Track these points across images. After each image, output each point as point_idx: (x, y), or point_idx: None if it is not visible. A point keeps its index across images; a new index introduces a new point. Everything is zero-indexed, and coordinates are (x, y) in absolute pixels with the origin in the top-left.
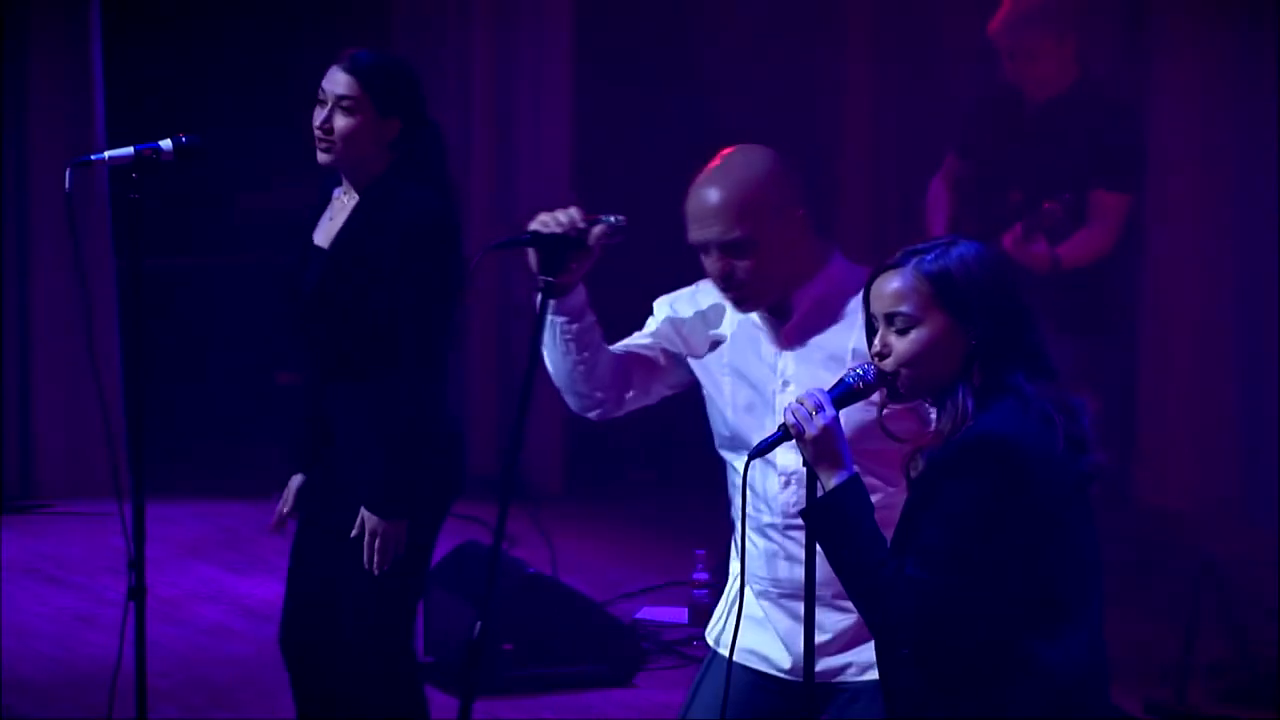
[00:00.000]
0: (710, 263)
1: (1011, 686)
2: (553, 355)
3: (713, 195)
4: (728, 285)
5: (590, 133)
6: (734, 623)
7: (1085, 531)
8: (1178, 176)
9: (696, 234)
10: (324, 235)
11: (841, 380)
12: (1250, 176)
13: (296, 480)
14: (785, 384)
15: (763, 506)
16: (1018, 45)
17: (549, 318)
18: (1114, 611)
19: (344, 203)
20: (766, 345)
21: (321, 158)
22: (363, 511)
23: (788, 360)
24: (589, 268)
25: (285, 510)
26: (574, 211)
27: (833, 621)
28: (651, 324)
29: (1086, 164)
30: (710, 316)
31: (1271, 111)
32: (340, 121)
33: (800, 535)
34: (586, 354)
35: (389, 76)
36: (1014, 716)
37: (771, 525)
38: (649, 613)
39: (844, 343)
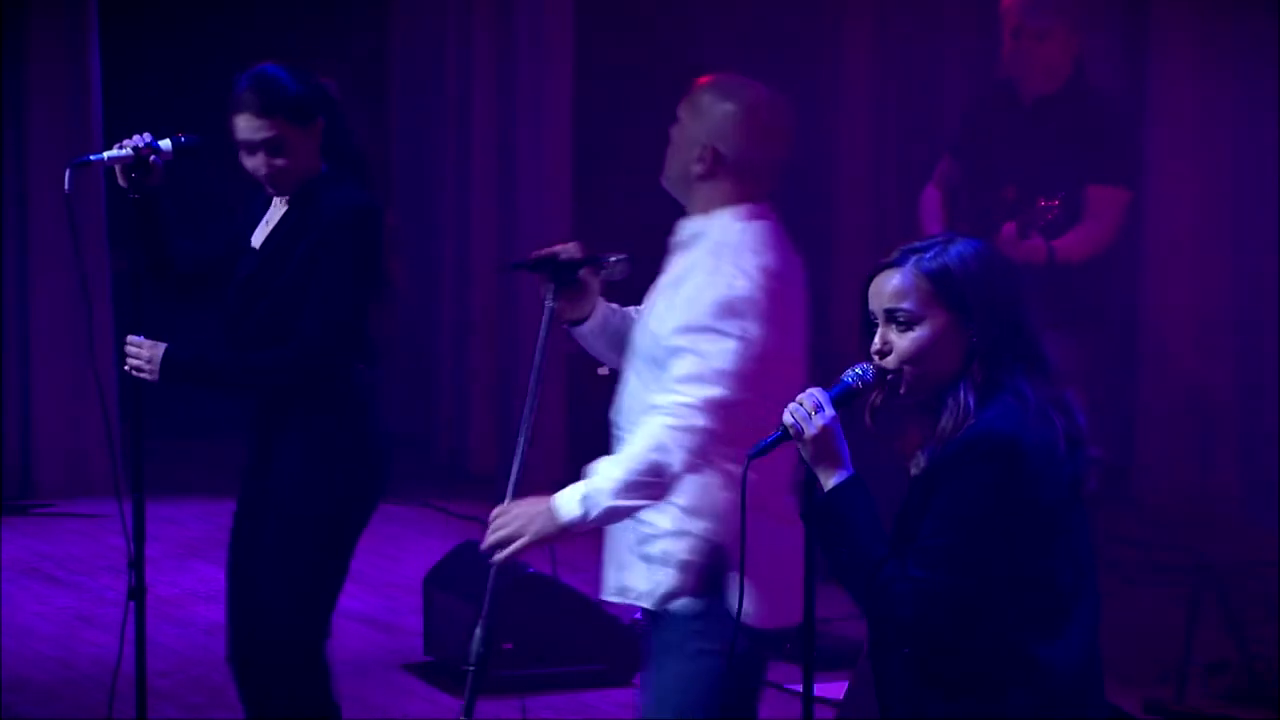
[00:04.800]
0: None
1: (1009, 685)
2: (595, 354)
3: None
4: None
5: (590, 139)
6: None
7: (1082, 530)
8: (1176, 174)
9: None
10: (259, 236)
11: (841, 380)
12: (1249, 174)
13: None
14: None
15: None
16: (1030, 22)
17: (577, 336)
18: (1114, 611)
19: (280, 205)
20: None
21: (279, 194)
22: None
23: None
24: (594, 297)
25: None
26: (571, 248)
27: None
28: None
29: (1081, 159)
30: None
31: (1271, 109)
32: (278, 161)
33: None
34: (624, 344)
35: (291, 92)
36: (1011, 715)
37: (613, 423)
38: None
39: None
